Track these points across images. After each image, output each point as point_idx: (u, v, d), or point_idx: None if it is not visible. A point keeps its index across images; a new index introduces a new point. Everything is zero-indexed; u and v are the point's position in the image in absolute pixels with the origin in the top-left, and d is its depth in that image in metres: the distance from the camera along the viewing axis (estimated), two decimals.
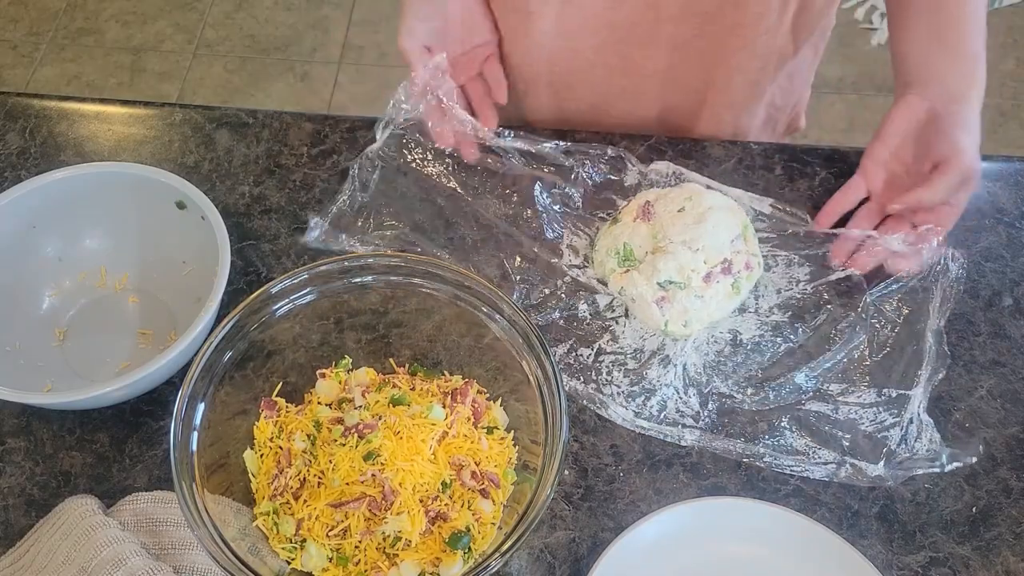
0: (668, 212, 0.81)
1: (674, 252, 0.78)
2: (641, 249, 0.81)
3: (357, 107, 2.27)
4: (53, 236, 0.83)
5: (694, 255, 0.78)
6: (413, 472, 0.67)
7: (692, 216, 0.80)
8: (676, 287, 0.78)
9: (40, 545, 0.69)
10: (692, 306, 0.78)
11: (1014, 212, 0.91)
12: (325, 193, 0.91)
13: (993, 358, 0.82)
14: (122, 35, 2.42)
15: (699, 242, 0.78)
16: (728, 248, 0.79)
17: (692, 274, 0.78)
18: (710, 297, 0.79)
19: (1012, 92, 2.29)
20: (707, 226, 0.79)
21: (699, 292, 0.78)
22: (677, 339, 0.80)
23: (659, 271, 0.78)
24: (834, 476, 0.74)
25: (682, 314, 0.79)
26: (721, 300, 0.80)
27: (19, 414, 0.78)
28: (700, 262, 0.78)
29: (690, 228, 0.79)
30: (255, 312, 0.71)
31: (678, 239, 0.78)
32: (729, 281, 0.80)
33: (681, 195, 0.82)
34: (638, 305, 0.80)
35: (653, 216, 0.81)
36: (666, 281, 0.78)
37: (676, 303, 0.78)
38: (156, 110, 0.98)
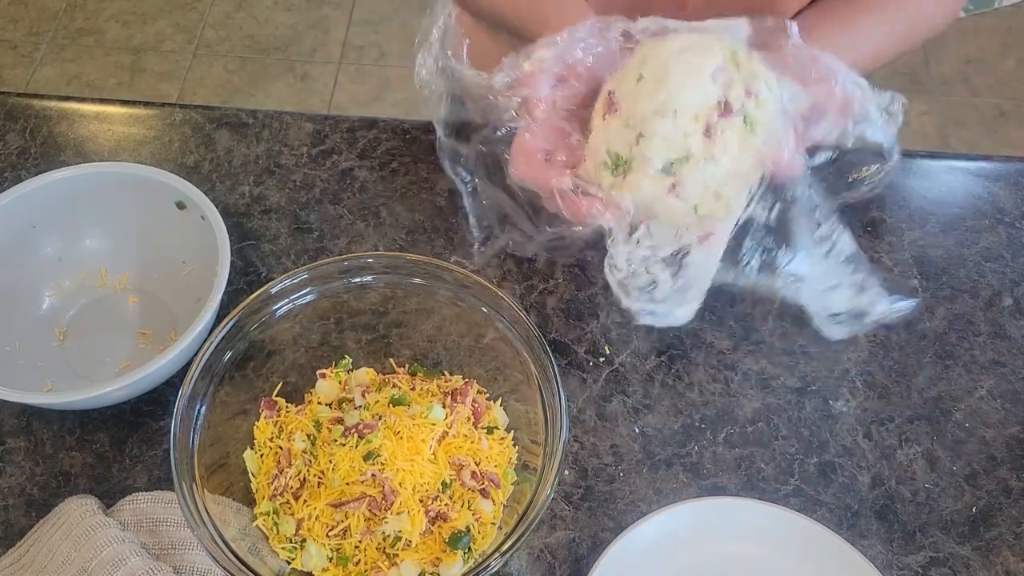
0: (628, 90, 0.65)
1: (653, 128, 0.63)
2: (625, 146, 0.65)
3: (357, 107, 2.27)
4: (53, 236, 0.83)
5: (675, 119, 0.63)
6: (413, 472, 0.67)
7: (652, 79, 0.64)
8: (680, 164, 0.63)
9: (40, 545, 0.69)
10: (710, 173, 0.64)
11: (1014, 212, 0.91)
12: (325, 193, 0.91)
13: (993, 358, 0.82)
14: (122, 35, 2.42)
15: (673, 101, 0.63)
16: (714, 87, 0.64)
17: (687, 139, 0.63)
18: (722, 152, 0.64)
19: (1012, 92, 2.29)
20: (672, 79, 0.63)
21: (707, 153, 0.63)
22: (723, 218, 0.66)
23: (650, 158, 0.64)
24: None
25: (705, 189, 0.64)
26: (741, 147, 0.64)
27: (19, 414, 0.78)
28: (688, 121, 0.63)
29: (655, 92, 0.64)
30: (255, 312, 0.71)
31: (649, 112, 0.63)
32: (737, 121, 0.64)
33: (634, 64, 0.66)
34: (656, 207, 0.65)
35: (618, 103, 0.66)
36: (666, 164, 0.63)
37: (691, 181, 0.64)
38: (156, 110, 0.98)
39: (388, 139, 0.95)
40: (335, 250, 0.87)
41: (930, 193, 0.92)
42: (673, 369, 0.81)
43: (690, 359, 0.82)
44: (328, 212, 0.90)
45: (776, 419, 0.79)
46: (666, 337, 0.83)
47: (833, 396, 0.80)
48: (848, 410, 0.79)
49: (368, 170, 0.93)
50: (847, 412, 0.79)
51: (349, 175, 0.92)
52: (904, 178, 0.94)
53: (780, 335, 0.83)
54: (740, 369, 0.81)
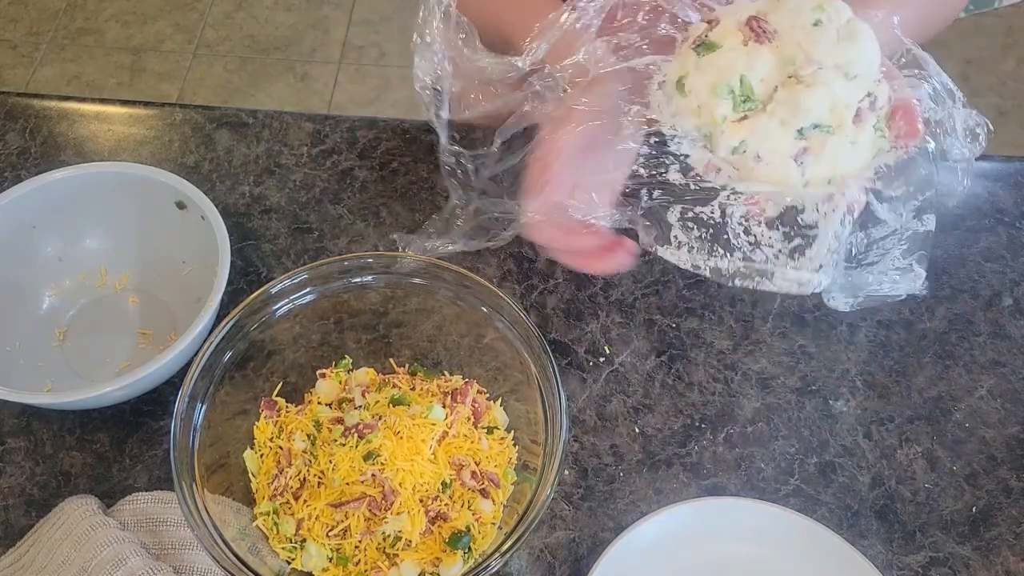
0: (799, 28, 0.58)
1: (826, 81, 0.57)
2: (765, 84, 0.58)
3: (357, 107, 2.27)
4: (53, 236, 0.83)
5: (850, 84, 0.57)
6: (413, 472, 0.67)
7: (835, 30, 0.58)
8: (823, 132, 0.57)
9: (40, 545, 0.69)
10: (844, 156, 0.58)
11: (1014, 212, 0.91)
12: (325, 193, 0.91)
13: (993, 358, 0.82)
14: (122, 35, 2.42)
15: (856, 64, 0.57)
16: (876, 75, 0.60)
17: (846, 112, 0.57)
18: (863, 143, 0.59)
19: (1012, 92, 2.29)
20: (863, 42, 0.57)
21: (852, 136, 0.58)
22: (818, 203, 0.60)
23: (806, 111, 0.57)
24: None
25: (830, 169, 0.58)
26: (870, 146, 0.60)
27: (19, 414, 0.78)
28: (856, 95, 0.58)
29: (842, 47, 0.57)
30: (255, 312, 0.71)
31: (829, 62, 0.57)
32: (872, 121, 0.59)
33: (805, 4, 0.59)
34: (766, 164, 0.58)
35: (776, 35, 0.58)
36: (811, 125, 0.57)
37: (824, 155, 0.58)
38: (156, 110, 0.98)
39: (388, 139, 0.95)
40: (335, 250, 0.87)
41: None
42: (673, 369, 0.81)
43: (690, 359, 0.82)
44: (328, 212, 0.90)
45: (776, 419, 0.79)
46: (666, 337, 0.83)
47: (833, 396, 0.80)
48: (848, 410, 0.79)
49: (368, 170, 0.93)
50: (847, 412, 0.79)
51: (349, 175, 0.92)
52: None
53: (780, 335, 0.83)
54: (740, 369, 0.81)
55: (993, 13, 2.42)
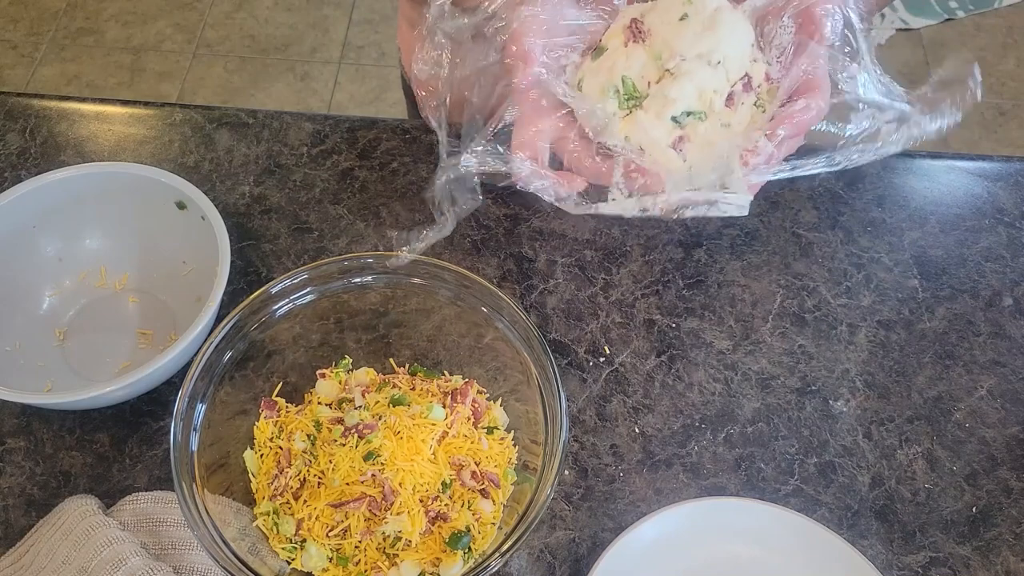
0: (667, 24, 0.62)
1: (689, 71, 0.60)
2: (643, 80, 0.62)
3: (357, 107, 2.27)
4: (53, 236, 0.83)
5: (715, 71, 0.60)
6: (413, 472, 0.67)
7: (700, 22, 0.62)
8: (696, 119, 0.60)
9: (40, 545, 0.69)
10: (716, 139, 0.61)
11: (1014, 212, 0.91)
12: (325, 193, 0.91)
13: (993, 358, 0.82)
14: (122, 35, 2.42)
15: (718, 52, 0.60)
16: (748, 56, 0.62)
17: (714, 97, 0.60)
18: (737, 123, 0.61)
19: (1012, 92, 2.29)
20: (724, 30, 0.61)
21: (724, 119, 0.61)
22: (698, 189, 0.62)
23: (673, 101, 0.60)
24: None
25: (704, 154, 0.62)
26: (747, 126, 0.62)
27: (19, 414, 0.78)
28: (722, 79, 0.60)
29: (703, 37, 0.60)
30: (255, 312, 0.71)
31: (691, 53, 0.60)
32: (752, 100, 0.62)
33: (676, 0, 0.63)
34: (649, 154, 0.62)
35: (648, 34, 0.62)
36: (683, 113, 0.60)
37: (698, 139, 0.61)
38: (156, 110, 0.98)
39: (388, 139, 0.95)
40: (335, 250, 0.87)
41: (930, 193, 0.92)
42: (673, 369, 0.81)
43: (690, 359, 0.82)
44: (328, 212, 0.90)
45: (776, 419, 0.79)
46: (666, 337, 0.83)
47: (833, 396, 0.80)
48: (848, 410, 0.79)
49: (368, 170, 0.93)
50: (847, 412, 0.79)
51: (349, 175, 0.92)
52: (904, 178, 0.94)
53: (780, 335, 0.83)
54: (740, 369, 0.81)
55: (993, 13, 2.42)
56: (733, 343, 0.83)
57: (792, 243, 0.89)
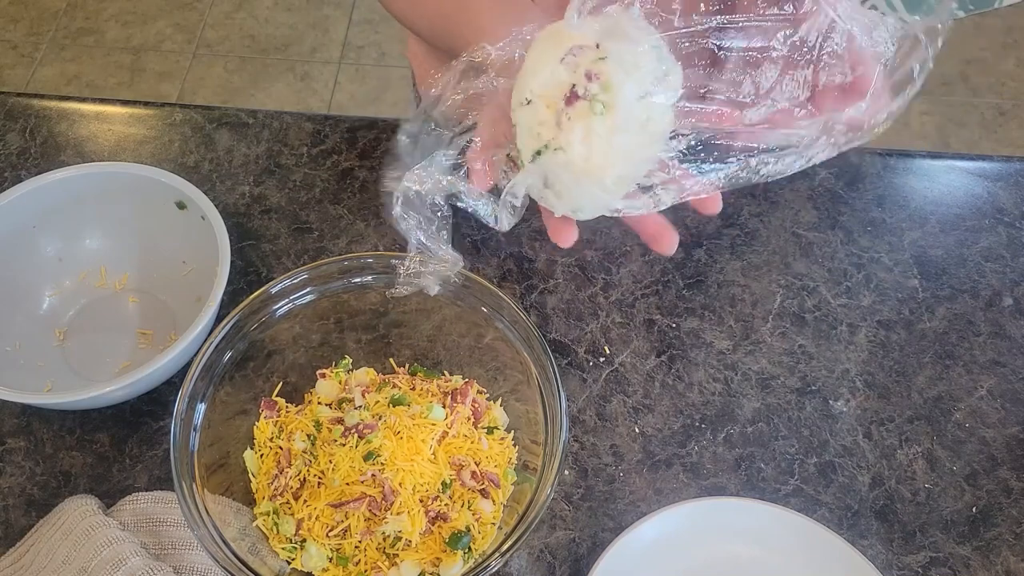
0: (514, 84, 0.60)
1: (518, 121, 0.58)
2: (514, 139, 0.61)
3: (357, 107, 2.27)
4: (53, 236, 0.83)
5: (531, 108, 0.57)
6: (413, 472, 0.67)
7: (522, 68, 0.59)
8: (541, 157, 0.57)
9: (40, 545, 0.69)
10: (559, 163, 0.57)
11: (1014, 212, 0.91)
12: (325, 193, 0.91)
13: (993, 358, 0.82)
14: (122, 35, 2.42)
15: (525, 89, 0.57)
16: (563, 71, 0.57)
17: (542, 128, 0.56)
18: (571, 142, 0.56)
19: (1012, 92, 2.29)
20: (526, 65, 0.58)
21: (556, 144, 0.57)
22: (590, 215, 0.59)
23: (521, 151, 0.58)
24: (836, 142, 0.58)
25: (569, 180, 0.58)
26: (586, 135, 0.57)
27: (19, 414, 0.78)
28: (541, 110, 0.56)
29: (517, 84, 0.58)
30: (255, 312, 0.71)
31: (516, 102, 0.58)
32: (583, 107, 0.56)
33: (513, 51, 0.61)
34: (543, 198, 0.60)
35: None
36: (534, 155, 0.57)
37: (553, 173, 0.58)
38: (156, 110, 0.98)
39: (388, 139, 0.95)
40: (335, 250, 0.87)
41: (930, 193, 0.92)
42: (673, 369, 0.81)
43: (690, 359, 0.82)
44: (328, 212, 0.90)
45: (776, 419, 0.79)
46: (666, 337, 0.83)
47: (833, 396, 0.80)
48: (848, 410, 0.79)
49: (368, 170, 0.93)
50: (847, 412, 0.79)
51: (349, 175, 0.92)
52: (904, 178, 0.94)
53: (780, 335, 0.83)
54: (740, 369, 0.81)
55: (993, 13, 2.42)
56: (733, 343, 0.83)
57: (792, 243, 0.89)
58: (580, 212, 0.60)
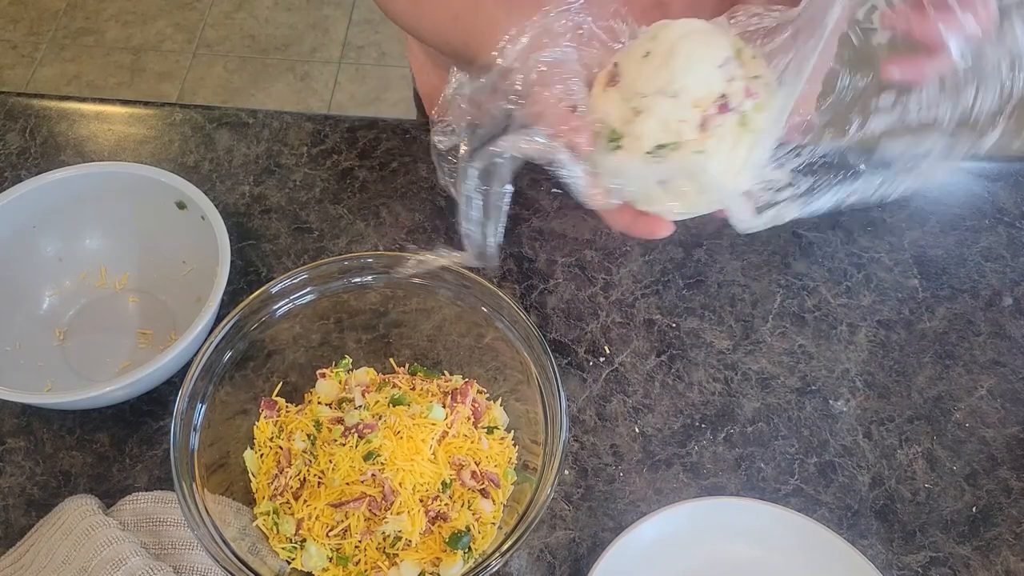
0: (632, 63, 0.62)
1: (650, 107, 0.59)
2: (620, 121, 0.62)
3: (357, 107, 2.27)
4: (53, 236, 0.83)
5: (675, 102, 0.59)
6: (413, 472, 0.67)
7: (659, 56, 0.61)
8: (669, 151, 0.59)
9: (40, 545, 0.69)
10: (691, 164, 0.60)
11: (1014, 212, 0.91)
12: (325, 193, 0.91)
13: (993, 358, 0.82)
14: (122, 35, 2.42)
15: (676, 82, 0.59)
16: (719, 78, 0.60)
17: (681, 126, 0.59)
18: (714, 149, 0.59)
19: None
20: (680, 59, 0.59)
21: (697, 147, 0.59)
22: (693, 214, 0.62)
23: (642, 138, 0.59)
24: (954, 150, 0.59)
25: (685, 182, 0.61)
26: (733, 147, 0.60)
27: (19, 414, 0.78)
28: (686, 108, 0.59)
29: (660, 71, 0.60)
30: (255, 312, 0.71)
31: (650, 89, 0.60)
32: (733, 119, 0.60)
33: (644, 39, 0.63)
34: (639, 192, 0.62)
35: (620, 76, 0.62)
36: (655, 147, 0.59)
37: (673, 171, 0.60)
38: (156, 110, 0.98)
39: (388, 139, 0.95)
40: (335, 250, 0.87)
41: (930, 193, 0.92)
42: (673, 369, 0.81)
43: (690, 359, 0.82)
44: (328, 212, 0.90)
45: (776, 419, 0.79)
46: (666, 337, 0.83)
47: (833, 396, 0.80)
48: (848, 410, 0.79)
49: (368, 170, 0.93)
50: (847, 412, 0.79)
51: (349, 175, 0.92)
52: None
53: (780, 335, 0.83)
54: (740, 369, 0.81)
55: None
56: (733, 343, 0.83)
57: (792, 243, 0.89)
58: (686, 213, 0.62)
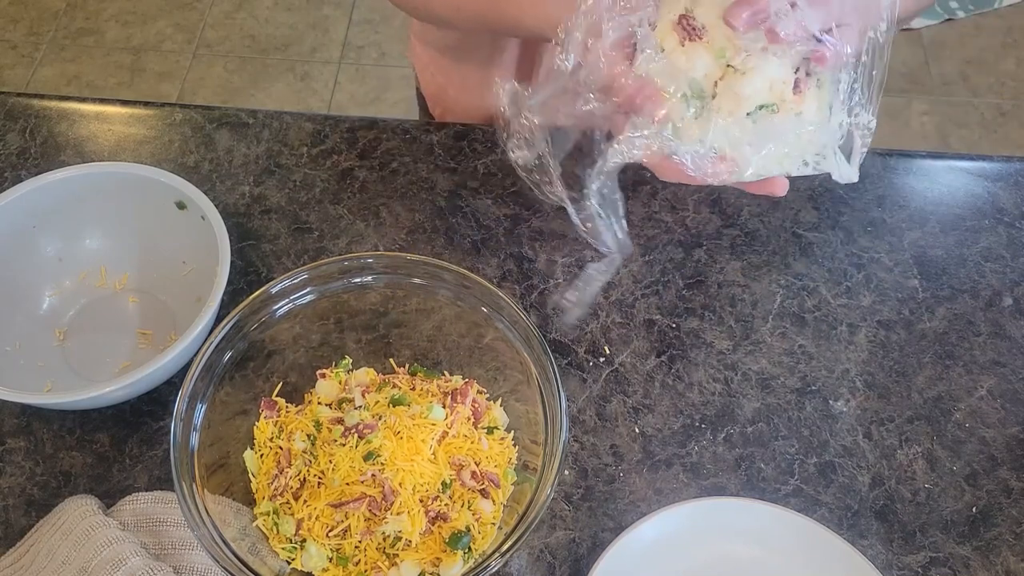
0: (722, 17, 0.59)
1: (757, 65, 0.58)
2: (709, 78, 0.60)
3: (357, 107, 2.27)
4: (53, 236, 0.83)
5: (780, 61, 0.58)
6: (413, 472, 0.67)
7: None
8: (769, 112, 0.59)
9: (40, 545, 0.69)
10: (792, 130, 0.60)
11: (1014, 212, 0.91)
12: (325, 193, 0.91)
13: (993, 358, 0.82)
14: (122, 35, 2.42)
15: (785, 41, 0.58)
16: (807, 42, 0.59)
17: (784, 87, 0.59)
18: (807, 111, 0.59)
19: (1012, 92, 2.29)
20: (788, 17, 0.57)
21: (795, 108, 0.59)
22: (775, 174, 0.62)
23: (746, 98, 0.58)
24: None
25: (782, 143, 0.60)
26: (817, 111, 0.60)
27: (19, 414, 0.78)
28: (788, 68, 0.58)
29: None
30: (255, 312, 0.71)
31: (756, 47, 0.58)
32: (814, 83, 0.60)
33: None
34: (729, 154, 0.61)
35: (704, 31, 0.60)
36: (756, 109, 0.59)
37: (773, 132, 0.60)
38: (156, 110, 0.98)
39: (388, 139, 0.95)
40: (335, 250, 0.87)
41: (930, 193, 0.92)
42: (673, 369, 0.81)
43: (690, 359, 0.82)
44: (328, 212, 0.90)
45: (776, 419, 0.79)
46: (666, 337, 0.83)
47: (833, 396, 0.80)
48: (848, 410, 0.79)
49: (368, 170, 0.93)
50: (847, 412, 0.79)
51: (349, 175, 0.92)
52: (904, 178, 0.94)
53: (780, 335, 0.83)
54: (740, 369, 0.81)
55: (993, 13, 2.42)
56: (733, 343, 0.83)
57: (792, 243, 0.89)
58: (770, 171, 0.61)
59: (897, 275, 0.87)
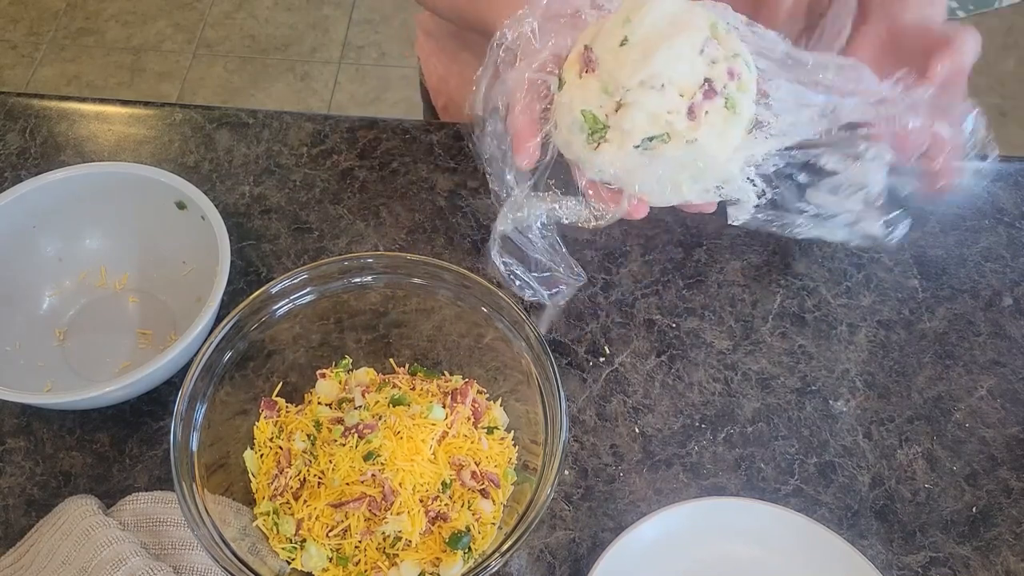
0: (610, 52, 0.60)
1: (636, 100, 0.58)
2: (602, 111, 0.60)
3: (357, 107, 2.27)
4: (53, 236, 0.83)
5: (662, 93, 0.58)
6: (413, 472, 0.67)
7: (639, 46, 0.59)
8: (660, 141, 0.59)
9: (40, 545, 0.69)
10: (688, 157, 0.59)
11: (1014, 212, 0.91)
12: (325, 193, 0.91)
13: (993, 358, 0.82)
14: (122, 35, 2.42)
15: (660, 76, 0.58)
16: (701, 62, 0.59)
17: (671, 117, 0.58)
18: (706, 136, 0.59)
19: (1012, 92, 2.29)
20: (663, 50, 0.58)
21: (689, 135, 0.59)
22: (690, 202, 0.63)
23: (629, 132, 0.59)
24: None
25: (679, 171, 0.60)
26: (722, 132, 0.60)
27: (19, 414, 0.78)
28: (674, 99, 0.58)
29: (642, 63, 0.58)
30: (255, 312, 0.71)
31: (633, 83, 0.58)
32: (720, 104, 0.59)
33: (616, 22, 0.60)
34: (627, 185, 0.62)
35: (597, 63, 0.60)
36: (645, 140, 0.59)
37: (667, 162, 0.60)
38: (156, 110, 0.98)
39: (388, 139, 0.95)
40: (335, 250, 0.87)
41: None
42: (673, 369, 0.81)
43: (690, 359, 0.82)
44: (328, 212, 0.90)
45: (776, 419, 0.79)
46: (666, 337, 0.83)
47: (833, 396, 0.80)
48: (848, 410, 0.79)
49: (368, 170, 0.93)
50: (847, 412, 0.79)
51: (349, 175, 0.92)
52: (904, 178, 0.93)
53: (780, 335, 0.83)
54: (740, 369, 0.81)
55: (993, 13, 2.42)
56: (733, 343, 0.83)
57: (792, 243, 0.89)
58: (673, 199, 0.62)
59: (897, 275, 0.87)
